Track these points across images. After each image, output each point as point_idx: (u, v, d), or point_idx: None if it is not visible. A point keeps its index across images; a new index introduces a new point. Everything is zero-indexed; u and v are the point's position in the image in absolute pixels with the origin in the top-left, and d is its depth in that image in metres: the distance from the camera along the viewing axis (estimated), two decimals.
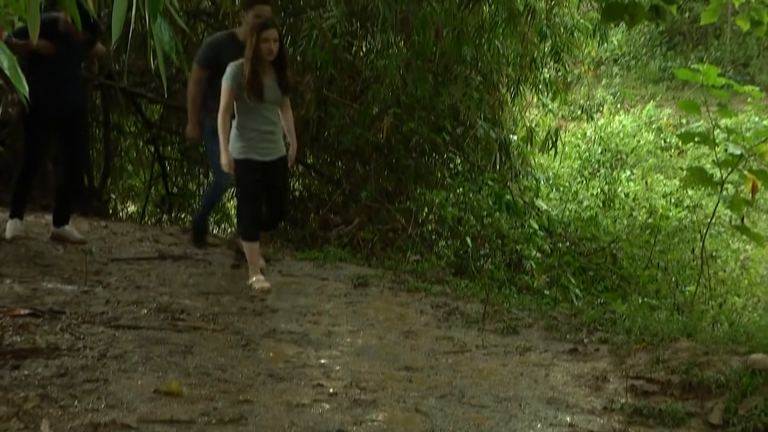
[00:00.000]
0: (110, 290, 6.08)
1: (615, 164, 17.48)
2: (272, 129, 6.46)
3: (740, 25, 7.11)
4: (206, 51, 7.13)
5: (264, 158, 6.41)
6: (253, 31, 6.25)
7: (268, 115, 6.40)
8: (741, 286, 10.62)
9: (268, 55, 6.22)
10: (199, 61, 7.09)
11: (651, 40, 26.90)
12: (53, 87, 7.04)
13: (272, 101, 6.38)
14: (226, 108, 6.28)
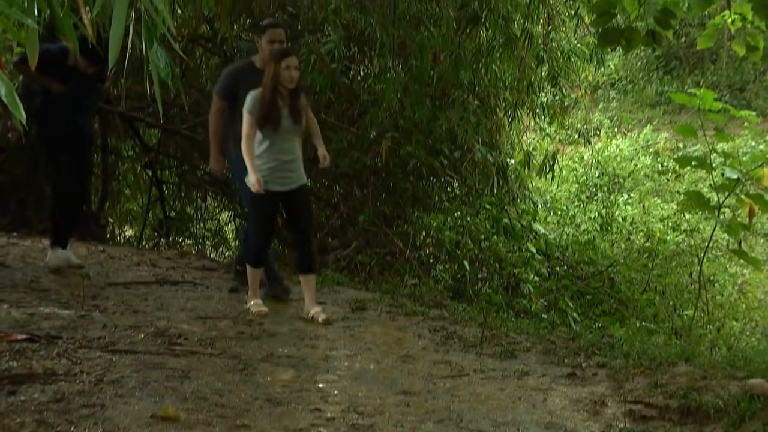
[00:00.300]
0: (107, 315, 6.06)
1: (612, 188, 17.51)
2: (292, 158, 6.36)
3: (736, 50, 7.14)
4: (224, 80, 6.93)
5: (284, 188, 6.34)
6: (273, 58, 6.19)
7: (287, 145, 6.31)
8: (739, 310, 10.61)
9: (289, 83, 6.16)
10: (218, 91, 6.92)
11: (648, 65, 27.01)
12: (63, 113, 7.05)
13: (291, 130, 6.30)
14: (248, 137, 6.19)
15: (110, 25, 2.79)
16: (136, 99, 10.50)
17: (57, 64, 6.85)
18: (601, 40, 6.67)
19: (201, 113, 10.30)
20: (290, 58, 6.20)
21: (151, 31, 3.00)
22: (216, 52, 10.69)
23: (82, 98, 7.23)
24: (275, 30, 6.74)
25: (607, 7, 6.42)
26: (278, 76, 6.12)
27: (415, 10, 9.54)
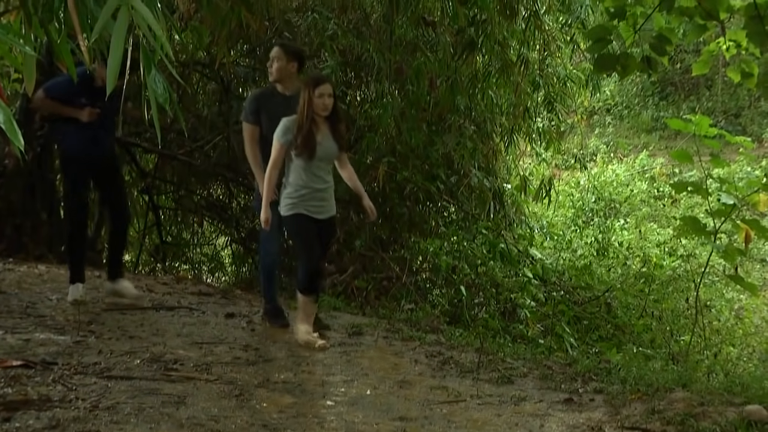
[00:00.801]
0: (103, 340, 6.04)
1: (609, 213, 17.55)
2: (324, 187, 6.23)
3: (731, 76, 7.18)
4: (248, 105, 6.80)
5: (314, 216, 6.19)
6: (308, 86, 6.05)
7: (320, 173, 6.18)
8: (736, 335, 10.61)
9: (322, 111, 6.05)
10: (245, 117, 6.79)
11: (643, 90, 27.14)
12: (88, 138, 7.00)
13: (325, 159, 6.17)
14: (274, 164, 6.10)
15: (108, 51, 2.80)
16: (133, 124, 10.52)
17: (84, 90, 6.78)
18: (597, 66, 6.70)
19: (198, 138, 10.33)
20: (324, 85, 6.06)
21: (149, 57, 3.01)
22: (213, 78, 10.73)
23: (106, 122, 7.16)
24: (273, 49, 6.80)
25: (603, 34, 6.46)
26: (312, 104, 6.00)
27: (411, 36, 9.59)
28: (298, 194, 6.11)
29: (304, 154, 6.01)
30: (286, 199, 6.17)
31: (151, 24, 2.88)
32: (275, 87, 6.76)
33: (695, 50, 23.20)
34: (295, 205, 6.11)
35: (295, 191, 6.11)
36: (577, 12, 11.05)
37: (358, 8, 9.73)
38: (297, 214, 6.13)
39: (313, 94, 5.99)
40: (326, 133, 6.14)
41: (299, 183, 6.11)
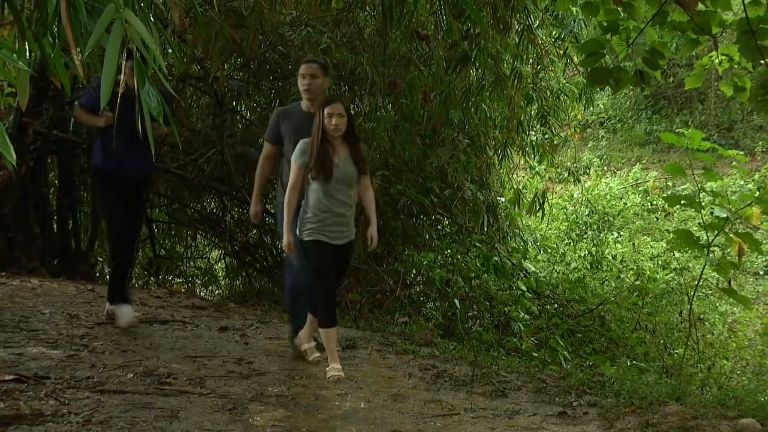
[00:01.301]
0: (96, 354, 6.02)
1: (602, 226, 17.56)
2: (343, 211, 5.91)
3: (724, 90, 7.22)
4: (273, 122, 6.52)
5: (333, 241, 5.88)
6: (320, 106, 5.84)
7: (338, 196, 5.86)
8: (729, 349, 10.62)
9: (333, 131, 5.78)
10: (266, 136, 6.58)
11: (636, 104, 27.22)
12: (117, 154, 6.64)
13: (343, 181, 5.85)
14: (293, 187, 5.87)
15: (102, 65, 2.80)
16: None
17: None
18: (590, 79, 6.73)
19: (191, 152, 10.32)
20: (333, 105, 5.80)
21: (143, 71, 3.02)
22: (207, 92, 10.74)
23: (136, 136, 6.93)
24: (306, 65, 6.40)
25: (596, 48, 6.50)
26: (324, 124, 5.79)
27: (405, 49, 9.61)
28: (317, 219, 5.84)
29: (320, 177, 5.76)
30: (305, 224, 5.89)
31: (145, 38, 2.89)
32: (300, 105, 6.52)
33: (688, 64, 23.29)
34: (313, 231, 5.84)
35: (314, 216, 5.85)
36: (570, 26, 11.10)
37: (352, 22, 9.75)
38: (315, 241, 5.85)
39: (323, 114, 5.78)
40: (345, 155, 5.88)
41: (318, 207, 5.84)
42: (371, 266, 9.44)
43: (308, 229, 5.86)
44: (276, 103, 10.10)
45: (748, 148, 23.15)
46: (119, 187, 6.79)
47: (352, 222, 6.06)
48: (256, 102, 11.02)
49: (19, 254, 9.48)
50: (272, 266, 10.86)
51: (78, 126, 10.41)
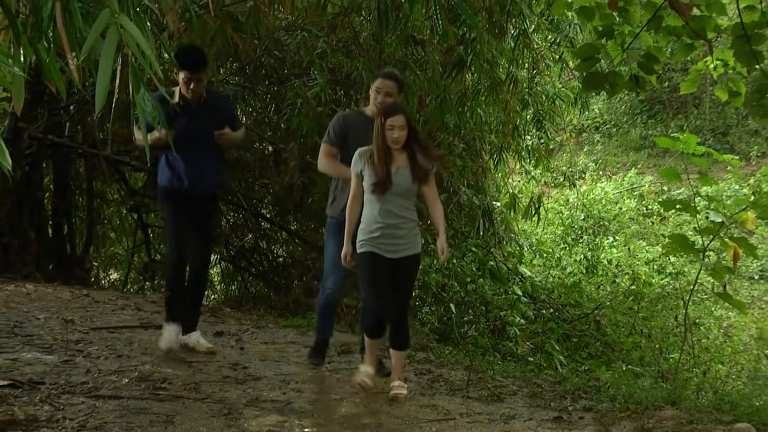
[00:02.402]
0: (91, 360, 6.01)
1: (598, 231, 17.59)
2: (398, 223, 5.52)
3: (719, 95, 7.23)
4: (334, 126, 6.17)
5: (390, 255, 5.53)
6: (380, 115, 5.52)
7: (393, 208, 5.51)
8: (724, 353, 10.63)
9: (393, 144, 5.45)
10: (328, 138, 6.16)
11: (632, 109, 27.27)
12: (179, 170, 6.16)
13: (400, 193, 5.52)
14: (354, 198, 5.59)
15: (97, 70, 2.80)
16: (122, 143, 10.52)
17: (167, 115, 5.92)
18: (586, 84, 6.74)
19: None
20: (395, 116, 5.46)
21: (139, 76, 3.02)
22: None
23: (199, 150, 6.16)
24: (384, 81, 6.01)
25: (591, 52, 6.51)
26: (383, 135, 5.47)
27: (400, 54, 9.61)
28: (370, 230, 5.53)
29: (377, 189, 5.46)
30: (359, 235, 5.59)
31: (140, 43, 2.89)
32: (362, 111, 6.27)
33: (683, 69, 23.33)
34: (366, 243, 5.54)
35: (367, 227, 5.55)
36: (565, 31, 11.11)
37: (348, 27, 9.75)
38: (368, 253, 5.54)
39: (384, 125, 5.46)
40: (404, 165, 5.53)
41: (371, 218, 5.53)
42: None
43: (361, 240, 5.58)
44: (272, 107, 10.10)
45: (743, 153, 23.19)
46: (184, 206, 6.22)
47: (413, 234, 5.66)
48: (252, 106, 11.02)
49: (14, 259, 9.48)
50: (268, 271, 10.86)
51: (73, 131, 10.40)
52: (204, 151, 6.18)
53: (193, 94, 6.11)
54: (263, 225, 10.82)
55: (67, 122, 10.75)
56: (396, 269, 5.57)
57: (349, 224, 5.61)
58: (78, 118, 10.71)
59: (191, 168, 6.14)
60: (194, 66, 6.03)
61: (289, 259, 10.88)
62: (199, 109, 6.16)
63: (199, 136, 6.12)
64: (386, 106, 5.66)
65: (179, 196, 6.19)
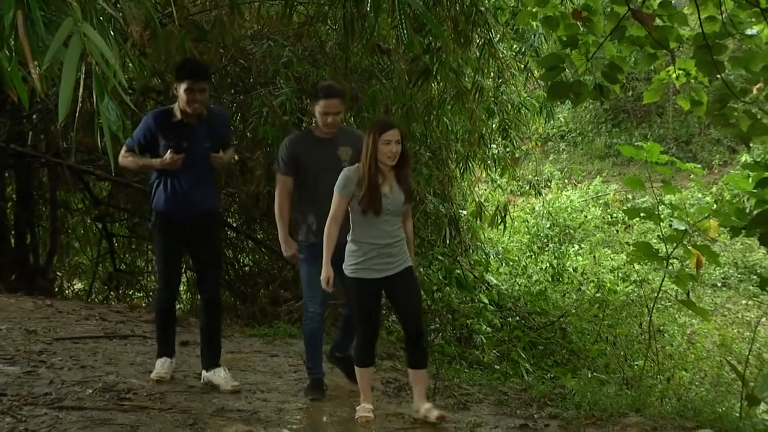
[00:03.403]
0: (54, 370, 5.95)
1: (563, 239, 17.70)
2: (391, 242, 5.30)
3: (681, 104, 7.31)
4: (282, 154, 5.87)
5: (382, 274, 5.29)
6: (372, 131, 5.20)
7: (387, 228, 5.28)
8: (688, 360, 10.73)
9: (389, 159, 5.19)
10: (279, 167, 5.88)
11: (596, 117, 27.52)
12: (170, 192, 5.72)
13: (392, 212, 5.28)
14: (334, 219, 5.26)
15: (60, 79, 2.78)
16: (86, 152, 10.44)
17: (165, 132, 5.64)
18: (551, 93, 6.79)
19: None
20: (390, 131, 5.18)
21: (102, 85, 3.00)
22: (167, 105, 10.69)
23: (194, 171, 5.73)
24: (328, 101, 5.73)
25: (556, 62, 6.56)
26: (376, 152, 5.18)
27: (366, 63, 9.63)
28: (362, 252, 5.29)
29: (370, 210, 5.20)
30: (350, 258, 5.33)
31: (104, 52, 2.87)
32: (310, 130, 6.03)
33: (646, 78, 23.60)
34: (358, 267, 5.30)
35: (359, 249, 5.30)
36: (530, 40, 11.18)
37: (314, 36, 9.75)
38: (358, 279, 5.32)
39: (378, 140, 5.16)
40: (393, 183, 5.31)
41: (364, 240, 5.28)
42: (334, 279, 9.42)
43: (352, 264, 5.33)
44: (238, 116, 10.06)
45: (706, 162, 23.48)
46: (181, 233, 5.81)
47: (404, 248, 5.43)
48: None
49: None
50: (234, 280, 10.81)
51: (36, 140, 10.31)
52: (202, 173, 5.76)
53: (197, 106, 5.63)
54: (229, 234, 10.76)
55: (30, 131, 10.66)
56: (393, 286, 5.36)
57: (330, 246, 5.30)
58: (41, 127, 10.62)
59: (191, 191, 5.70)
60: (195, 74, 5.58)
61: (255, 268, 10.84)
62: (199, 127, 5.71)
63: (197, 157, 5.67)
64: (379, 122, 5.41)
65: (176, 223, 5.75)
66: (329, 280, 5.31)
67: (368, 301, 5.38)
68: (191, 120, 5.69)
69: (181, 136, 5.62)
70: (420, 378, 5.43)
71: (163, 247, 5.88)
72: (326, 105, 5.71)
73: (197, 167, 5.70)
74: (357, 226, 5.31)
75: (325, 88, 5.89)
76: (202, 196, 5.76)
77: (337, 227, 5.30)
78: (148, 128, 5.63)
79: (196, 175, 5.71)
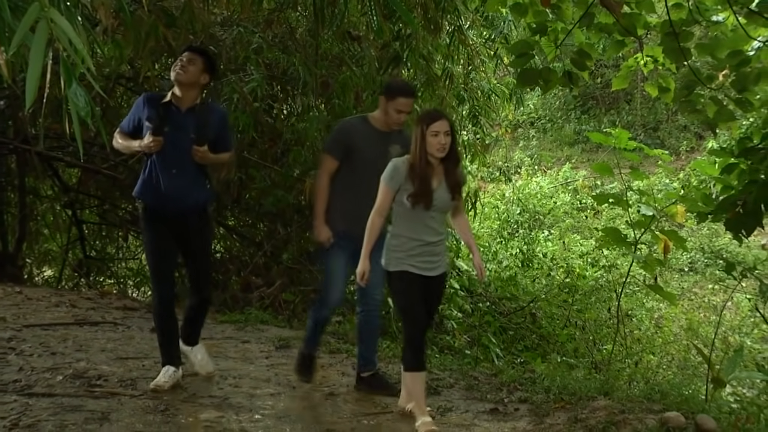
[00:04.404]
0: (24, 357, 5.93)
1: (533, 225, 17.79)
2: (436, 240, 5.12)
3: (649, 91, 7.38)
4: (338, 136, 5.78)
5: (423, 272, 5.07)
6: (419, 122, 5.00)
7: (433, 224, 5.08)
8: (655, 344, 10.85)
9: (439, 152, 4.93)
10: (331, 149, 5.75)
11: (566, 104, 27.66)
12: (153, 182, 5.33)
13: (439, 208, 5.05)
14: (379, 210, 5.06)
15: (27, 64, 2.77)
16: (55, 138, 10.36)
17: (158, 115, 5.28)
18: (520, 80, 6.82)
19: (121, 152, 10.19)
20: (440, 122, 4.94)
21: (70, 71, 2.99)
22: (137, 92, 10.62)
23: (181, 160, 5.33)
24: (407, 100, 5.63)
25: (525, 49, 6.59)
26: (425, 144, 4.94)
27: (337, 50, 9.62)
28: (406, 247, 5.05)
29: (420, 204, 4.97)
30: (392, 252, 5.10)
31: (72, 37, 2.86)
32: (366, 118, 5.86)
33: (615, 65, 23.74)
34: (401, 260, 5.06)
35: (403, 244, 5.06)
36: (500, 27, 11.22)
37: (284, 23, 9.72)
38: (402, 272, 5.06)
39: (426, 132, 4.93)
40: (441, 179, 5.06)
41: (408, 235, 5.06)
42: (305, 266, 9.44)
43: (395, 258, 5.09)
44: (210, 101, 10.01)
45: (673, 148, 23.70)
46: (168, 228, 5.41)
47: (445, 249, 5.28)
48: None
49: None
50: None
51: (4, 126, 10.21)
52: (184, 164, 5.32)
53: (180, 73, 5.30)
54: None
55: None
56: (428, 288, 5.11)
57: (371, 239, 5.07)
58: (9, 113, 10.53)
59: (170, 182, 5.29)
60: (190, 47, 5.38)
61: (226, 255, 10.80)
62: (187, 115, 5.34)
63: (178, 145, 5.26)
64: (427, 113, 5.13)
65: (162, 216, 5.37)
66: (365, 274, 5.06)
67: (414, 296, 5.07)
68: (180, 107, 5.34)
69: (164, 119, 5.25)
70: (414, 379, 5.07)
71: (149, 242, 5.45)
72: (404, 103, 5.57)
73: (177, 157, 5.29)
74: (401, 219, 5.10)
75: (403, 86, 5.76)
76: (181, 189, 5.32)
77: (381, 220, 5.11)
78: (137, 107, 5.39)
79: (177, 166, 5.29)
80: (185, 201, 5.37)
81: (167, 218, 5.36)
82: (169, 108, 5.31)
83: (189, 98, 5.38)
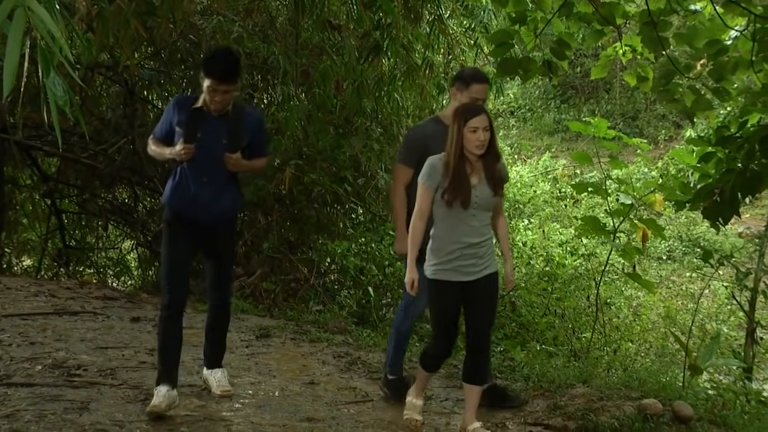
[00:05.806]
0: (2, 347, 5.91)
1: (513, 213, 17.83)
2: (479, 241, 4.73)
3: (628, 80, 7.42)
4: (410, 144, 5.44)
5: (466, 278, 4.73)
6: (457, 117, 4.68)
7: (474, 224, 4.70)
8: (634, 332, 10.91)
9: (477, 148, 4.62)
10: (405, 158, 5.42)
11: (545, 94, 27.73)
12: (179, 186, 5.07)
13: (481, 206, 4.70)
14: (421, 213, 4.74)
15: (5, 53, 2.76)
16: (33, 127, 10.29)
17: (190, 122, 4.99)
18: (500, 69, 6.84)
19: (101, 142, 10.15)
20: (479, 117, 4.63)
21: (48, 59, 2.98)
22: (117, 81, 10.58)
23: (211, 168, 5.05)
24: (484, 85, 5.31)
25: (505, 38, 6.61)
26: (462, 140, 4.63)
27: (317, 39, 9.61)
28: (446, 251, 4.71)
29: (457, 201, 4.64)
30: (431, 257, 4.79)
31: (49, 26, 2.85)
32: (438, 118, 5.50)
33: (594, 55, 23.83)
34: (440, 268, 4.74)
35: (444, 247, 4.73)
36: (480, 17, 11.23)
37: (264, 11, 9.70)
38: (438, 281, 4.76)
39: (464, 128, 4.63)
40: (481, 175, 4.74)
41: (449, 237, 4.71)
42: (285, 255, 9.45)
43: (434, 264, 4.77)
44: (188, 92, 9.99)
45: (652, 137, 23.83)
46: (191, 235, 5.12)
47: (491, 252, 4.88)
48: (168, 91, 10.88)
49: None
50: None
51: None
52: (215, 171, 5.06)
53: (217, 104, 4.98)
54: None
55: None
56: (473, 291, 4.77)
57: (415, 245, 4.77)
58: None
59: (200, 189, 5.03)
60: (222, 75, 4.88)
61: None
62: (219, 121, 5.04)
63: (210, 152, 5.01)
64: (465, 107, 4.78)
65: (189, 223, 5.09)
66: (414, 283, 4.76)
67: (447, 308, 4.81)
68: (212, 113, 5.04)
69: (196, 125, 4.98)
70: (473, 394, 4.85)
71: (168, 247, 5.11)
72: (479, 89, 5.24)
73: (209, 164, 5.02)
74: (441, 221, 4.75)
75: (475, 72, 5.42)
76: (212, 197, 5.05)
77: (423, 223, 4.75)
78: (168, 111, 5.13)
79: (208, 173, 5.03)
80: (216, 209, 5.11)
81: (195, 225, 5.10)
82: (200, 113, 5.02)
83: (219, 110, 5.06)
